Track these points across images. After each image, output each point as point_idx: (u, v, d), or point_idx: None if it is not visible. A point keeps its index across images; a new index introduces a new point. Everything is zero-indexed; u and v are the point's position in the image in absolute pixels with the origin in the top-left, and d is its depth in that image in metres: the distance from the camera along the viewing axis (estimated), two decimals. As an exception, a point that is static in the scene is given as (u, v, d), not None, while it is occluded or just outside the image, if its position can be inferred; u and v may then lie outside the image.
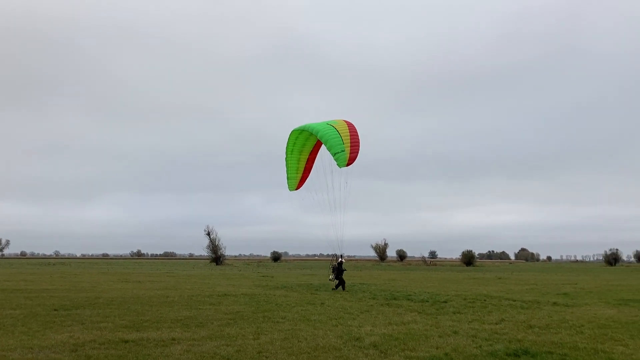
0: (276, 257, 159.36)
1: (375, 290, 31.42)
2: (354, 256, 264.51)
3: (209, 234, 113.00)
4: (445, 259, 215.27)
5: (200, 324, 16.51)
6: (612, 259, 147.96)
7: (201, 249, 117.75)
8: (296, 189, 27.57)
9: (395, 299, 25.66)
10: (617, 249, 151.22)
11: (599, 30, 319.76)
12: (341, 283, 30.18)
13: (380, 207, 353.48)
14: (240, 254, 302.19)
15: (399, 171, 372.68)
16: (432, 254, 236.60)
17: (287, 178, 27.14)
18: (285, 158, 27.16)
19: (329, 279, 31.35)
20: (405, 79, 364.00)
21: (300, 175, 26.81)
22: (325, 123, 24.46)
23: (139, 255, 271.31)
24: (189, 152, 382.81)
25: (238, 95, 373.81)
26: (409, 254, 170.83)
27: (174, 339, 13.72)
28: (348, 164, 22.62)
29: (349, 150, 22.29)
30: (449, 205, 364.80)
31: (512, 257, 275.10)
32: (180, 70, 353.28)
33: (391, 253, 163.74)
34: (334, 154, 21.99)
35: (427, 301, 24.44)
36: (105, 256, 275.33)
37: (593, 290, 33.94)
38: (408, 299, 25.32)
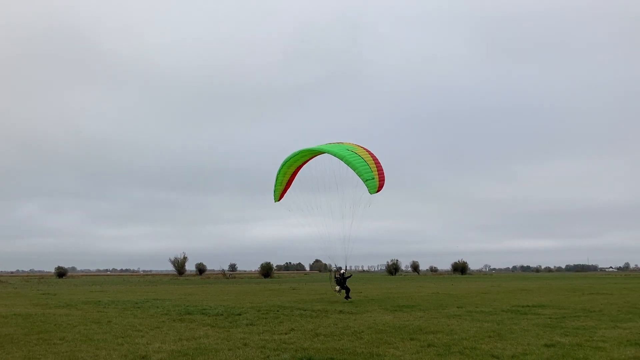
0: (61, 272, 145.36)
1: (169, 305, 30.40)
2: (150, 271, 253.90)
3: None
4: (245, 271, 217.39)
5: (-45, 352, 14.29)
6: (393, 269, 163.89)
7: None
8: (279, 200, 28.42)
9: (189, 313, 25.09)
10: (397, 260, 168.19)
11: (377, 60, 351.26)
12: (347, 292, 30.48)
13: (178, 219, 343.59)
14: (17, 270, 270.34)
15: (195, 182, 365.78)
16: (232, 267, 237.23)
17: (274, 190, 27.88)
18: (278, 170, 27.64)
19: (335, 291, 31.43)
20: (194, 85, 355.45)
21: (283, 187, 27.66)
22: (344, 148, 24.58)
23: None
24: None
25: (2, 91, 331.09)
26: (208, 267, 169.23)
27: None
28: (378, 191, 23.41)
29: (378, 177, 23.21)
30: (247, 217, 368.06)
31: (308, 268, 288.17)
32: None
33: (191, 267, 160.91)
34: (365, 181, 22.71)
35: (222, 314, 24.32)
36: None
37: (375, 298, 36.95)
38: (202, 313, 24.94)
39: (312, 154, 27.34)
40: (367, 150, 25.74)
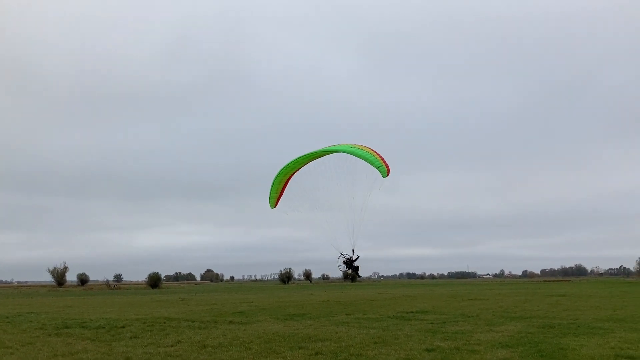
0: None
1: (45, 319, 28.34)
2: (26, 282, 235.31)
3: None
4: (132, 281, 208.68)
5: None
6: (286, 277, 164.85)
7: None
8: (275, 207, 29.70)
9: (67, 327, 23.54)
10: (290, 268, 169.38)
11: (261, 64, 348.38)
12: (356, 269, 31.15)
13: (55, 226, 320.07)
14: None
15: (72, 187, 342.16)
16: (118, 277, 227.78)
17: (270, 197, 29.18)
18: (275, 178, 28.85)
19: (354, 273, 32.49)
20: (66, 85, 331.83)
21: (278, 194, 29.11)
22: (348, 146, 27.20)
23: None
24: None
25: None
26: (92, 277, 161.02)
27: None
28: (387, 175, 26.04)
29: (384, 163, 25.95)
30: (132, 225, 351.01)
31: (199, 278, 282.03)
32: None
33: (72, 277, 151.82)
34: (377, 167, 25.65)
35: (104, 327, 23.07)
36: None
37: (266, 307, 36.84)
38: (82, 327, 23.51)
39: (314, 157, 28.63)
40: (364, 146, 28.00)
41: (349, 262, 34.70)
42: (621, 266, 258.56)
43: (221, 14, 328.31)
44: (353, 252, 35.12)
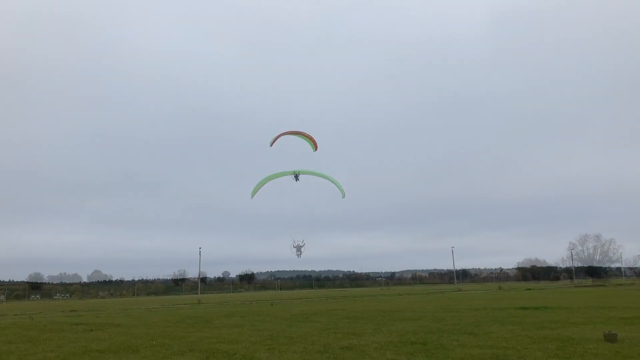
0: None
1: None
2: None
3: None
4: None
5: None
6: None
7: None
8: (252, 198, 35.48)
9: None
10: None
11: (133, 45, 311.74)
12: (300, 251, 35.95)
13: None
14: None
15: None
16: None
17: (252, 191, 34.98)
18: (261, 180, 34.61)
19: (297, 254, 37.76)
20: None
21: (257, 191, 34.89)
22: (322, 174, 34.09)
23: None
24: None
25: None
26: None
27: None
28: (344, 197, 33.51)
29: (343, 190, 33.86)
30: None
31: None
32: None
33: None
34: (340, 190, 33.26)
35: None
36: None
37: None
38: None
39: (294, 173, 34.02)
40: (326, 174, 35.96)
41: (298, 247, 40.16)
42: (501, 270, 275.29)
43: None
44: (302, 240, 41.07)
